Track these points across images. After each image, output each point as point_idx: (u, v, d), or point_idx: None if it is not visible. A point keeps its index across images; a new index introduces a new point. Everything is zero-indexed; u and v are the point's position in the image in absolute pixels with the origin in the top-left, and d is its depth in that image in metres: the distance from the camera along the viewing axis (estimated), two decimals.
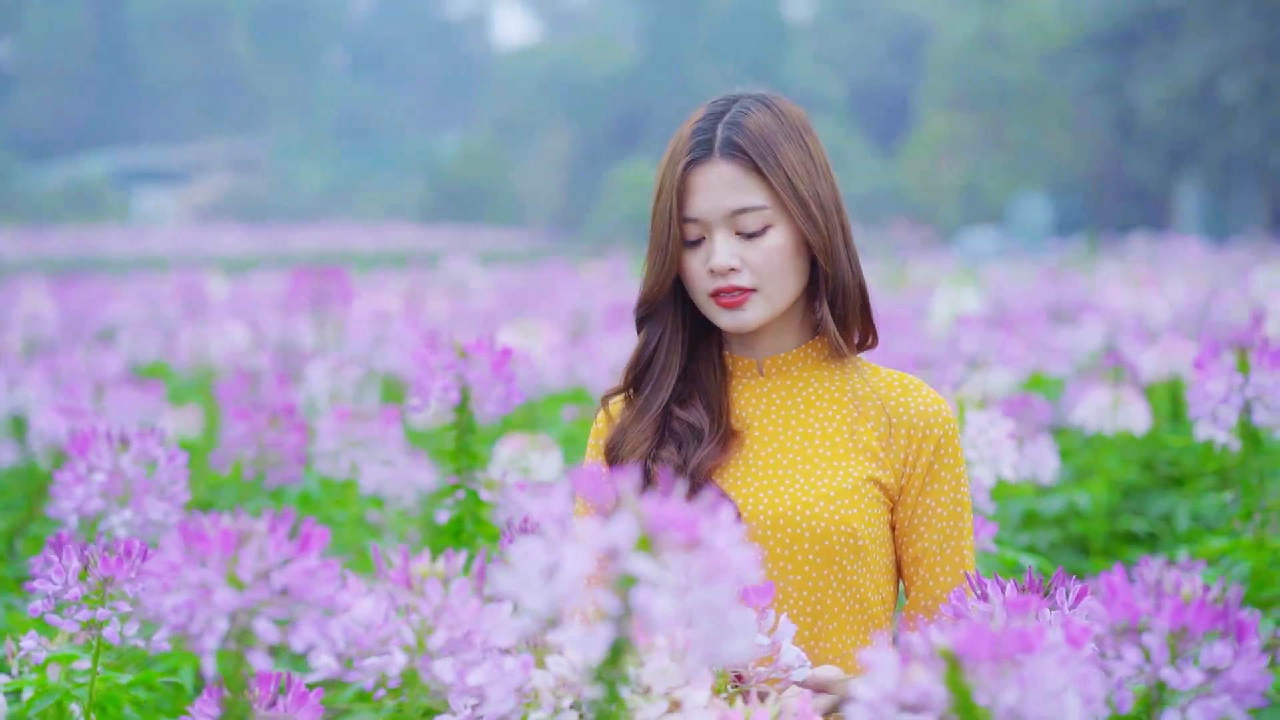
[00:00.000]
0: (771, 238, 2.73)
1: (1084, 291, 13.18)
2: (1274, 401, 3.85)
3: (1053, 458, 5.21)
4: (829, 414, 2.80)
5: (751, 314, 2.76)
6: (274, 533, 1.96)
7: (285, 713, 2.30)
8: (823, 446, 2.77)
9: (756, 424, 2.82)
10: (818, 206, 2.73)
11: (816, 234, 2.73)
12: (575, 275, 18.55)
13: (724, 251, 2.73)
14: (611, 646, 1.75)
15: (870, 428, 2.77)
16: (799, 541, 2.70)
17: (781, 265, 2.74)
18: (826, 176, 2.78)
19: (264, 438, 4.98)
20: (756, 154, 2.72)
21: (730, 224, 2.74)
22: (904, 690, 1.81)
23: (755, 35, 58.70)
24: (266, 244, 39.07)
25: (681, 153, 2.77)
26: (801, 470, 2.75)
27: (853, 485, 2.73)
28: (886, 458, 2.76)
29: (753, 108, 2.77)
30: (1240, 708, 1.95)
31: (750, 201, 2.72)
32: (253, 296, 14.10)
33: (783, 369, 2.84)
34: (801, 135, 2.78)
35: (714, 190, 2.74)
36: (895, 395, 2.80)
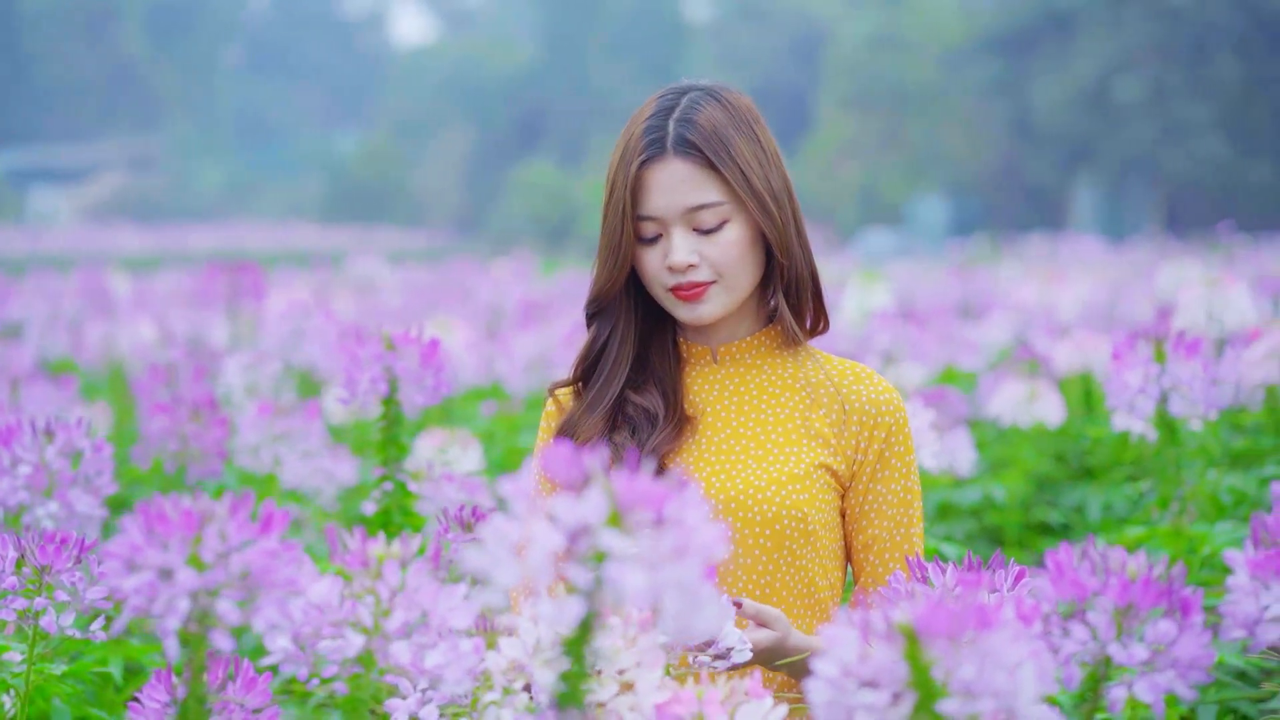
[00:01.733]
0: (729, 232, 2.76)
1: (990, 288, 13.32)
2: (1190, 392, 3.91)
3: (969, 450, 5.27)
4: (782, 401, 2.83)
5: (710, 306, 2.79)
6: (235, 514, 1.97)
7: (236, 696, 2.30)
8: (775, 432, 2.80)
9: (710, 410, 2.85)
10: (772, 198, 2.76)
11: (772, 226, 2.76)
12: (485, 273, 18.54)
13: (682, 249, 2.75)
14: (581, 621, 1.77)
15: (823, 415, 2.80)
16: (750, 525, 2.73)
17: (739, 258, 2.77)
18: (777, 165, 2.81)
19: (185, 432, 4.95)
20: (710, 150, 2.74)
21: (687, 221, 2.76)
22: (863, 665, 1.84)
23: (654, 35, 58.83)
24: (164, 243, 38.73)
25: (635, 151, 2.78)
26: (754, 455, 2.78)
27: (804, 471, 2.76)
28: (838, 445, 2.79)
29: (703, 102, 2.79)
30: (1185, 683, 1.99)
31: (707, 198, 2.75)
32: (157, 294, 13.99)
33: (737, 356, 2.87)
34: (751, 126, 2.80)
35: (670, 188, 2.75)
36: (848, 383, 2.83)
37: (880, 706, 1.84)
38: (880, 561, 2.81)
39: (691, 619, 1.74)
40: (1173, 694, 2.00)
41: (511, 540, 1.75)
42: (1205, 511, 4.39)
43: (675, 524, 1.74)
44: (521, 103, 58.85)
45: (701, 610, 1.74)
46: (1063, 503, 5.99)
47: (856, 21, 50.44)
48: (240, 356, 6.19)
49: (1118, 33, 40.77)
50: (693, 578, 1.72)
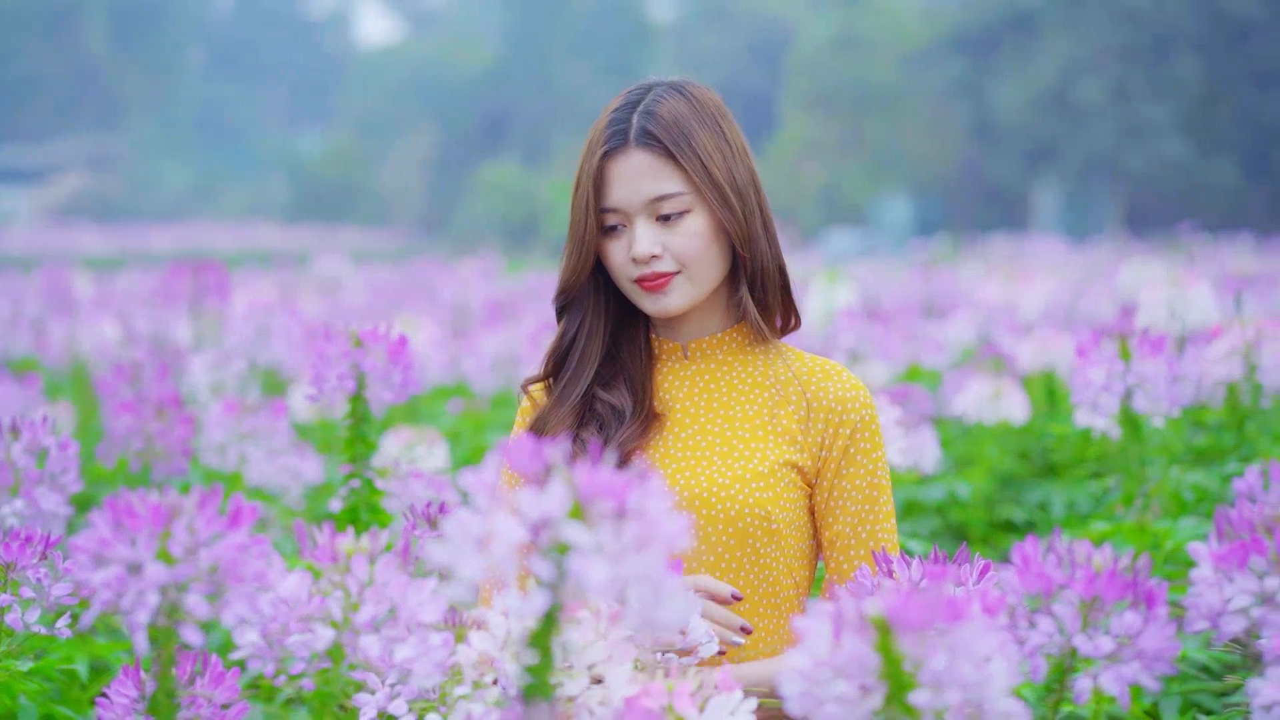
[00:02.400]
0: (690, 222, 2.76)
1: (954, 287, 13.37)
2: (1154, 389, 3.94)
3: (934, 447, 5.30)
4: (750, 397, 2.83)
5: (675, 297, 2.79)
6: (204, 509, 1.96)
7: (205, 690, 2.30)
8: (742, 429, 2.81)
9: (679, 406, 2.85)
10: (733, 190, 2.77)
11: (733, 218, 2.77)
12: (450, 272, 18.52)
13: (644, 239, 2.76)
14: (546, 614, 1.78)
15: (790, 411, 2.81)
16: (713, 523, 2.73)
17: (702, 249, 2.77)
18: (743, 159, 2.82)
19: (150, 430, 4.94)
20: (671, 141, 2.75)
21: (649, 211, 2.77)
22: (835, 657, 1.85)
23: (618, 36, 58.85)
24: (126, 243, 38.58)
25: (598, 143, 2.80)
26: (719, 452, 2.79)
27: (769, 469, 2.76)
28: (805, 441, 2.79)
29: (667, 95, 2.81)
30: (1150, 674, 2.00)
31: (667, 189, 2.76)
32: (119, 293, 13.95)
33: (707, 352, 2.88)
34: (716, 119, 2.81)
35: (631, 179, 2.77)
36: (816, 380, 2.83)
37: (852, 697, 1.85)
38: (845, 557, 2.81)
39: (656, 610, 1.74)
40: (1138, 685, 2.02)
41: (475, 533, 1.75)
42: (1168, 508, 4.41)
43: (638, 515, 1.74)
44: (485, 103, 58.80)
45: (666, 601, 1.74)
46: (1027, 500, 6.02)
47: (819, 22, 50.54)
48: (205, 355, 6.17)
49: (1078, 34, 40.94)
50: (656, 569, 1.73)
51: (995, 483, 6.07)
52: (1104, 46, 40.40)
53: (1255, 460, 4.47)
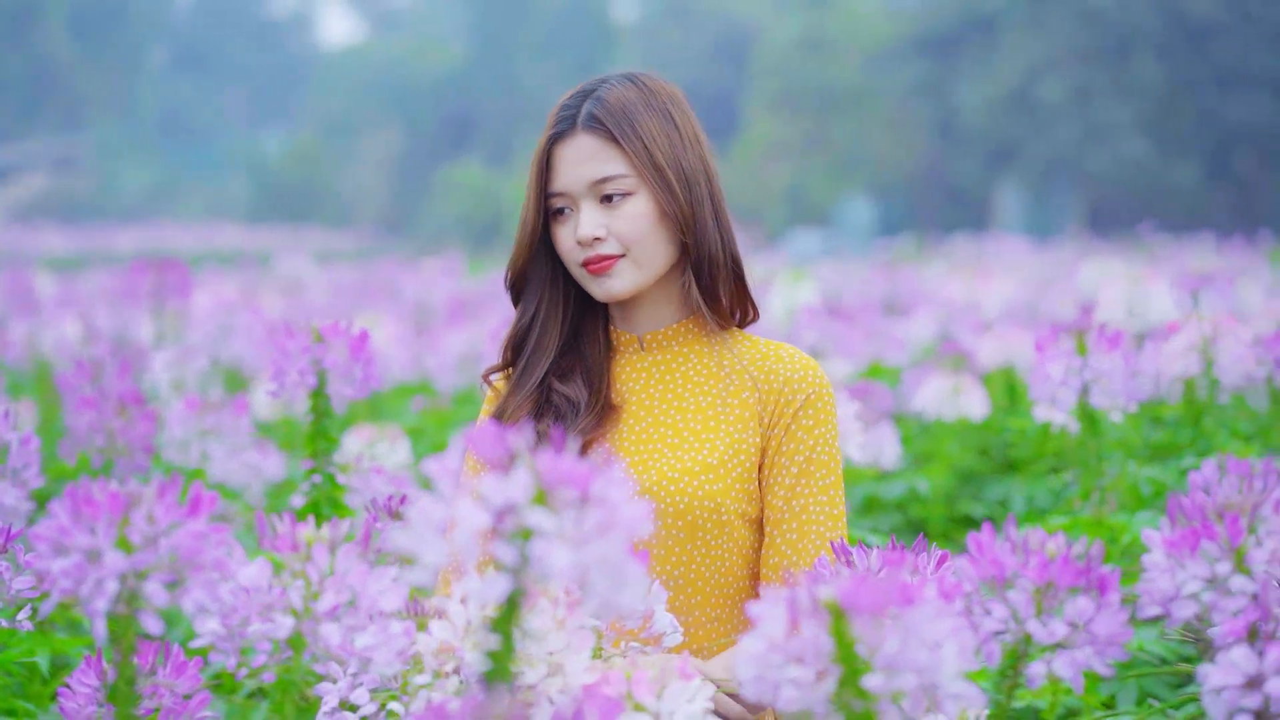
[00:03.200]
0: (633, 205, 2.80)
1: (916, 285, 13.43)
2: (1111, 384, 3.97)
3: (894, 443, 5.33)
4: (704, 388, 2.85)
5: (620, 281, 2.82)
6: (163, 497, 1.98)
7: (166, 680, 2.31)
8: (694, 420, 2.82)
9: (635, 398, 2.87)
10: (677, 175, 2.80)
11: (675, 203, 2.79)
12: (413, 271, 18.53)
13: (588, 222, 2.80)
14: (508, 598, 1.79)
15: (745, 398, 2.82)
16: (663, 516, 2.75)
17: (645, 231, 2.80)
18: (694, 149, 2.84)
19: (111, 427, 4.93)
20: (614, 124, 2.80)
21: (594, 194, 2.81)
22: (791, 642, 1.87)
23: (582, 36, 58.88)
24: (89, 243, 38.43)
25: (548, 128, 2.85)
26: (670, 444, 2.81)
27: (719, 460, 2.78)
28: (757, 425, 2.81)
29: (618, 83, 2.85)
30: (1102, 659, 2.02)
31: (610, 171, 2.80)
32: (82, 293, 13.91)
33: (663, 344, 2.90)
34: (667, 107, 2.84)
35: (576, 163, 2.82)
36: (767, 364, 2.85)
37: (806, 681, 1.87)
38: (775, 532, 2.80)
39: (616, 595, 1.76)
40: (1091, 670, 2.04)
41: (437, 520, 1.77)
42: (1125, 502, 4.45)
43: (599, 502, 1.76)
44: (449, 103, 58.77)
45: (626, 586, 1.76)
46: (987, 496, 6.05)
47: (783, 23, 50.60)
48: (167, 352, 6.17)
49: (1041, 35, 41.08)
50: (617, 554, 1.75)
51: (955, 479, 6.11)
52: (1066, 47, 40.55)
53: (1212, 455, 4.51)
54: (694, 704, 2.08)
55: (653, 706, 2.08)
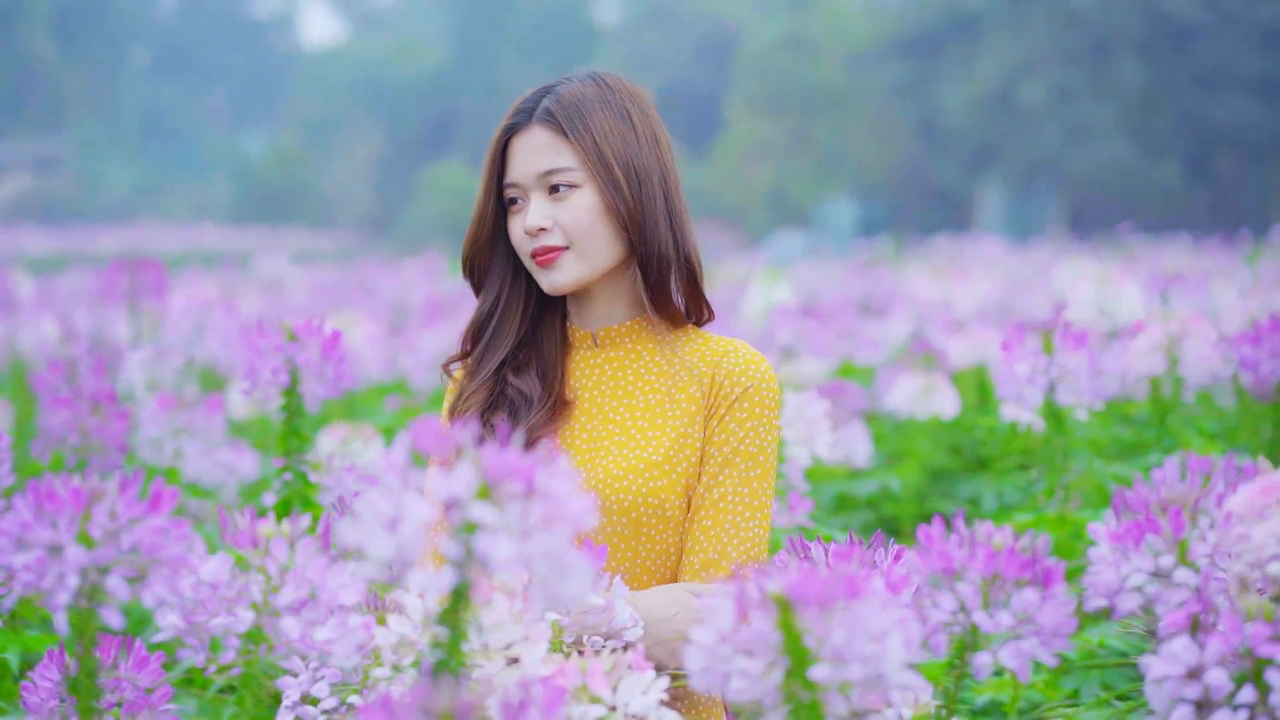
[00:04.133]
0: (578, 198, 2.83)
1: (891, 285, 13.47)
2: (1077, 382, 4.02)
3: (866, 442, 5.37)
4: (653, 385, 2.88)
5: (564, 273, 2.85)
6: (124, 492, 2.01)
7: (128, 674, 2.34)
8: (641, 418, 2.86)
9: (587, 395, 2.90)
10: (626, 172, 2.83)
11: (619, 198, 2.82)
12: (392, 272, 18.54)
13: (535, 213, 2.84)
14: (454, 591, 1.83)
15: (691, 393, 2.85)
16: (608, 513, 2.78)
17: (590, 225, 2.83)
18: (650, 149, 2.87)
19: (85, 426, 4.95)
20: (565, 118, 2.83)
21: (542, 186, 2.85)
22: (738, 633, 1.91)
23: (564, 37, 58.87)
24: (71, 244, 38.35)
25: (504, 121, 2.90)
26: (616, 442, 2.84)
27: (663, 456, 2.81)
28: (701, 421, 2.84)
29: (578, 80, 2.90)
30: (1047, 649, 2.06)
31: (558, 163, 2.83)
32: (61, 293, 13.92)
33: (615, 340, 2.93)
34: (625, 106, 2.88)
35: (527, 154, 2.86)
36: (713, 359, 2.87)
37: (754, 673, 1.91)
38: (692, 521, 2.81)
39: (560, 586, 1.80)
40: (1037, 660, 2.07)
41: (384, 514, 1.80)
42: (1091, 499, 4.49)
43: (544, 495, 1.80)
44: (431, 104, 58.74)
45: (570, 578, 1.79)
46: (958, 493, 6.09)
47: (765, 23, 50.64)
48: (142, 351, 6.20)
49: (1022, 36, 41.17)
50: (560, 547, 1.78)
51: (927, 477, 6.15)
52: (1047, 48, 40.63)
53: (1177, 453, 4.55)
54: (648, 696, 2.12)
55: (608, 698, 2.11)
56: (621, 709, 2.10)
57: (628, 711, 2.11)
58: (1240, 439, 4.99)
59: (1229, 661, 1.95)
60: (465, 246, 2.96)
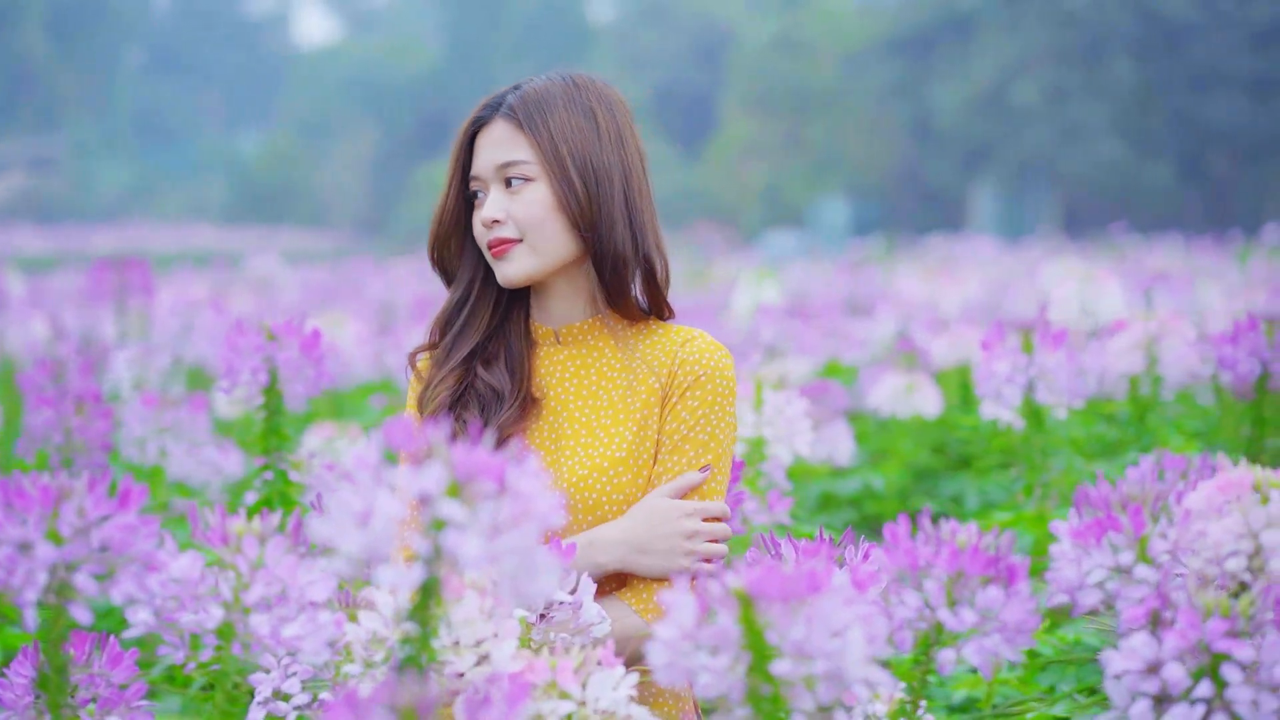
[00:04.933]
0: (532, 191, 2.85)
1: (878, 285, 13.50)
2: (1055, 381, 4.04)
3: (848, 440, 5.38)
4: (615, 382, 2.90)
5: (514, 266, 2.87)
6: (93, 490, 2.02)
7: (101, 670, 2.35)
8: (604, 416, 2.87)
9: (552, 392, 2.92)
10: (582, 169, 2.85)
11: (572, 195, 2.84)
12: (381, 271, 18.56)
13: (490, 205, 2.87)
14: (423, 587, 1.84)
15: (651, 385, 2.86)
16: (573, 512, 2.80)
17: (541, 218, 2.85)
18: (614, 150, 2.88)
19: (69, 424, 4.96)
20: (524, 113, 2.87)
21: (500, 178, 2.88)
22: (701, 628, 1.93)
23: (558, 37, 58.89)
24: (65, 244, 38.33)
25: (471, 115, 2.95)
26: (581, 441, 2.86)
27: (626, 452, 2.82)
28: (658, 410, 2.86)
29: (548, 79, 2.93)
30: (1011, 646, 2.08)
31: (514, 156, 2.86)
32: (52, 292, 13.93)
33: (577, 338, 2.94)
34: (591, 106, 2.90)
35: (488, 147, 2.89)
36: (671, 349, 2.88)
37: (717, 668, 1.93)
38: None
39: (528, 584, 1.81)
40: (1000, 656, 2.09)
41: (355, 510, 1.81)
42: (1070, 498, 4.50)
43: (513, 493, 1.81)
44: (425, 104, 58.74)
45: (537, 575, 1.81)
46: (941, 492, 6.11)
47: (759, 23, 50.68)
48: (128, 351, 6.21)
49: (1015, 36, 41.21)
50: (528, 544, 1.80)
51: (910, 476, 6.17)
52: (1041, 48, 40.68)
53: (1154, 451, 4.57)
54: (618, 692, 2.13)
55: (577, 694, 2.12)
56: (591, 705, 2.12)
57: (597, 707, 2.12)
58: (1220, 438, 5.02)
59: (1187, 657, 1.97)
60: (430, 239, 2.98)
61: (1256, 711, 1.94)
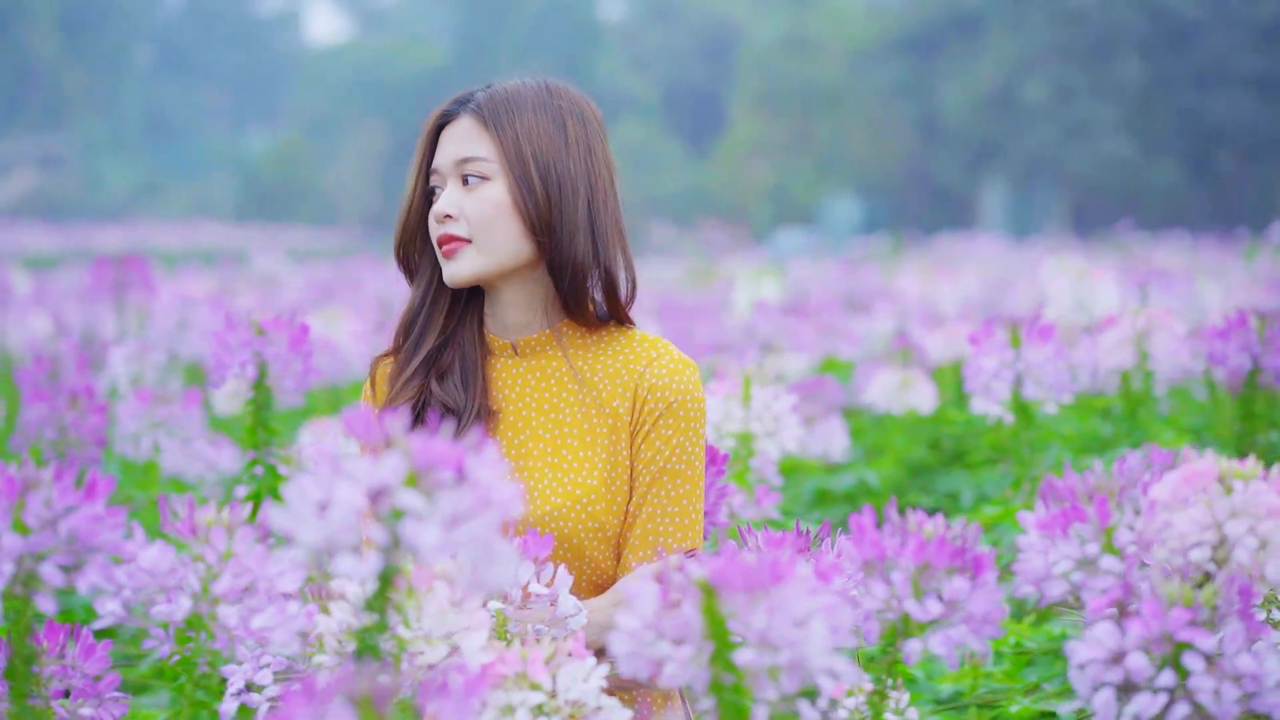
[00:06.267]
0: (487, 190, 2.81)
1: (880, 282, 13.50)
2: (1043, 376, 4.04)
3: (843, 436, 5.39)
4: (578, 396, 2.85)
5: (462, 265, 2.83)
6: (59, 480, 2.03)
7: (74, 662, 2.36)
8: (571, 437, 2.83)
9: (511, 407, 2.87)
10: (544, 174, 2.81)
11: (530, 199, 2.80)
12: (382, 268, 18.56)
13: (444, 200, 2.84)
14: (380, 577, 1.85)
15: (616, 406, 2.79)
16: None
17: (493, 218, 2.81)
18: (581, 159, 2.85)
19: (63, 419, 4.98)
20: (490, 111, 2.84)
21: (457, 174, 2.85)
22: (663, 618, 1.93)
23: (567, 36, 58.87)
24: (72, 242, 38.34)
25: (439, 109, 2.93)
26: (551, 465, 2.81)
27: (599, 479, 2.79)
28: (627, 435, 2.82)
29: (522, 82, 2.90)
30: (978, 636, 2.08)
31: (473, 153, 2.83)
32: (57, 290, 13.95)
33: (536, 350, 2.89)
34: (562, 113, 2.86)
35: (450, 142, 2.87)
36: (638, 366, 2.84)
37: (678, 658, 1.93)
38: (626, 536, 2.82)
39: (485, 574, 1.82)
40: (966, 646, 2.10)
41: (314, 499, 1.82)
42: None
43: (472, 482, 1.82)
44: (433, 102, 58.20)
45: (495, 565, 1.82)
46: (936, 488, 6.11)
47: (767, 22, 50.68)
48: (125, 346, 6.22)
49: (1022, 35, 41.20)
50: (487, 533, 1.81)
51: (905, 471, 6.17)
52: (1048, 47, 40.66)
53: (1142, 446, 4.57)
54: (589, 684, 2.14)
55: (547, 685, 2.13)
56: (562, 696, 2.12)
57: (567, 698, 2.12)
58: (1213, 433, 5.02)
59: (1150, 646, 1.98)
60: (396, 235, 2.94)
61: (1219, 701, 1.94)
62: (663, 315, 9.74)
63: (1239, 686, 1.95)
